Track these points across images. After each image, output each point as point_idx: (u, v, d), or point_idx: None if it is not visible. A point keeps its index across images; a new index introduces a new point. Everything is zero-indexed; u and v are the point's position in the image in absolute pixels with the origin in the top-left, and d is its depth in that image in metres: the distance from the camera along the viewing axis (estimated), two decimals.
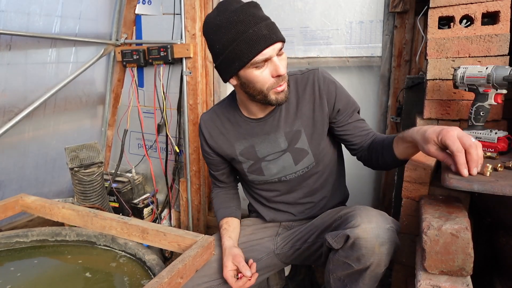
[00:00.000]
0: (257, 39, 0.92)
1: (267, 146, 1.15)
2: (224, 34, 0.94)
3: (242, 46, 0.93)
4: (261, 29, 0.92)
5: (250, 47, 0.92)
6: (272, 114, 1.13)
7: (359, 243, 0.88)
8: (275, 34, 0.94)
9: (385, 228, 0.89)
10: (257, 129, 1.14)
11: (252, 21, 0.92)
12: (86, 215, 1.30)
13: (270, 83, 0.98)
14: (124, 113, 2.31)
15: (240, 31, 0.92)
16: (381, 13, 1.68)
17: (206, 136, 1.20)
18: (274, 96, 1.01)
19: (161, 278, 0.89)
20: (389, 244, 0.89)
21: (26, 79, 1.78)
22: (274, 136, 1.13)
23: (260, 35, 0.92)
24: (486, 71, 1.02)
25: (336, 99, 1.10)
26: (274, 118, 1.13)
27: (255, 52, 0.93)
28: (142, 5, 2.13)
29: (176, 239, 1.13)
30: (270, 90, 0.99)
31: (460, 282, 0.79)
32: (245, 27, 0.92)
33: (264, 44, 0.92)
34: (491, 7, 1.13)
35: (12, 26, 1.64)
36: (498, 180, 0.82)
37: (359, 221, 0.90)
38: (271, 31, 0.93)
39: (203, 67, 2.03)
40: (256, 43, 0.92)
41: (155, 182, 2.29)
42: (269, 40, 0.92)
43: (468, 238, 0.78)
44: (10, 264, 1.22)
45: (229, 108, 1.18)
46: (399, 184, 1.41)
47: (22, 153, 1.84)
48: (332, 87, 1.11)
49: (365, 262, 0.89)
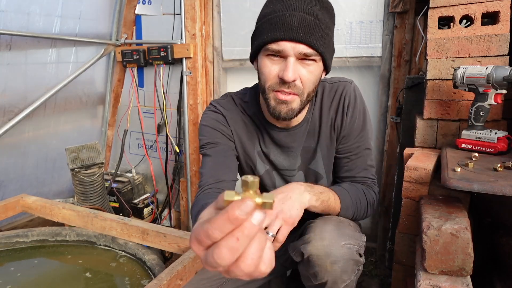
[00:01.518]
0: (280, 24, 0.79)
1: (284, 160, 1.03)
2: (265, 8, 0.86)
3: (265, 26, 0.82)
4: (292, 17, 0.78)
5: (269, 30, 0.81)
6: (298, 126, 0.99)
7: (312, 260, 0.82)
8: (308, 34, 0.78)
9: (339, 246, 0.82)
10: (279, 139, 1.00)
11: (291, 6, 0.80)
12: (86, 215, 1.30)
13: (273, 82, 0.85)
14: (124, 113, 2.31)
15: (274, 10, 0.82)
16: (381, 13, 1.68)
17: (229, 121, 1.01)
18: (273, 102, 0.87)
19: (160, 280, 0.89)
20: (342, 262, 0.82)
21: (26, 79, 1.78)
22: (294, 152, 1.01)
23: (285, 22, 0.78)
24: (486, 71, 1.02)
25: (349, 122, 0.97)
26: (300, 130, 0.99)
27: (270, 37, 0.80)
28: (142, 5, 2.13)
29: (176, 240, 1.13)
30: (270, 90, 0.86)
31: (460, 282, 0.79)
32: (280, 7, 0.81)
33: (283, 34, 0.78)
34: (491, 7, 1.13)
35: (12, 26, 1.64)
36: (498, 180, 0.82)
37: (312, 236, 0.84)
38: (302, 27, 0.78)
39: (203, 67, 2.03)
40: (276, 28, 0.79)
41: (155, 182, 2.29)
42: (291, 34, 0.78)
43: (468, 238, 0.78)
44: (10, 264, 1.22)
45: (250, 104, 1.02)
46: (399, 184, 1.41)
47: (22, 153, 1.84)
48: (357, 109, 0.97)
49: (320, 279, 0.84)
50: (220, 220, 0.34)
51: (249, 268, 0.35)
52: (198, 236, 0.36)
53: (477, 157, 0.99)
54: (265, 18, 0.83)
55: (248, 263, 0.35)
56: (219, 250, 0.34)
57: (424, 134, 1.25)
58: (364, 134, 1.00)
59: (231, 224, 0.33)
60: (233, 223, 0.33)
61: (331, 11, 0.86)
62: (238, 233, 0.34)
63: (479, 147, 1.06)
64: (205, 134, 1.00)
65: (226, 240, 0.34)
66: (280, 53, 0.81)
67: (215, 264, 0.34)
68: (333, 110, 0.98)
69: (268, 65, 0.84)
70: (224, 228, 0.34)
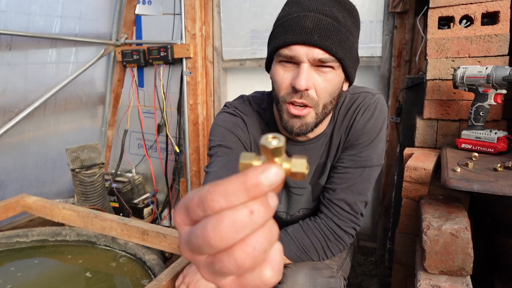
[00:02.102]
0: (293, 27, 0.71)
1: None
2: (281, 11, 0.78)
3: (278, 30, 0.74)
4: (306, 19, 0.69)
5: (281, 34, 0.73)
6: (315, 140, 0.88)
7: None
8: (323, 37, 0.69)
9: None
10: (292, 152, 0.89)
11: (306, 7, 0.71)
12: (86, 216, 1.30)
13: (286, 92, 0.76)
14: (124, 113, 2.31)
15: (288, 13, 0.74)
16: (381, 13, 1.68)
17: (248, 123, 0.90)
18: (286, 116, 0.78)
19: (160, 281, 0.89)
20: None
21: (26, 79, 1.78)
22: (310, 166, 0.90)
23: (299, 25, 0.70)
24: (486, 71, 1.02)
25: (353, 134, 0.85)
26: (317, 145, 0.88)
27: (282, 41, 0.72)
28: (142, 5, 2.13)
29: (176, 241, 1.13)
30: (284, 102, 0.77)
31: (460, 282, 0.79)
32: (295, 9, 0.73)
33: (295, 37, 0.70)
34: (491, 7, 1.13)
35: (12, 26, 1.64)
36: (498, 180, 0.82)
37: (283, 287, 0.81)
38: (318, 29, 0.69)
39: (203, 67, 2.03)
40: (289, 31, 0.71)
41: (155, 182, 2.29)
42: (304, 36, 0.69)
43: (468, 238, 0.78)
44: (10, 264, 1.22)
45: (268, 111, 0.92)
46: (399, 184, 1.41)
47: (22, 153, 1.84)
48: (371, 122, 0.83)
49: None
50: (230, 185, 0.24)
51: (245, 259, 0.23)
52: (188, 203, 0.25)
53: (477, 157, 0.99)
54: (279, 22, 0.75)
55: (248, 251, 0.23)
56: (219, 222, 0.23)
57: (424, 134, 1.25)
58: (367, 150, 0.84)
59: (246, 192, 0.23)
60: (250, 192, 0.23)
61: (354, 15, 0.76)
62: (253, 205, 0.23)
63: (479, 147, 1.06)
64: (219, 136, 0.88)
65: (233, 211, 0.23)
66: (293, 59, 0.72)
67: (203, 243, 0.23)
68: (346, 121, 0.86)
69: (280, 73, 0.75)
70: (234, 196, 0.23)
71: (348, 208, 0.85)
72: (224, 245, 0.23)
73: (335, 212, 0.85)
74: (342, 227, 0.85)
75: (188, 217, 0.25)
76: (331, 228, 0.85)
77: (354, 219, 0.85)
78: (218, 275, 0.25)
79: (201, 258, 0.25)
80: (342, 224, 0.85)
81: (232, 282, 0.26)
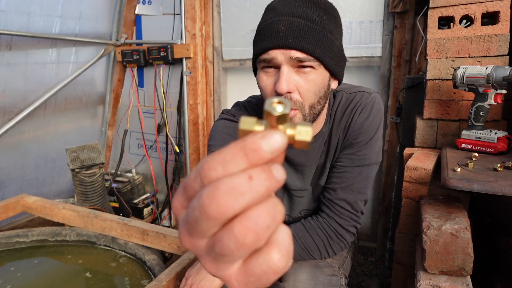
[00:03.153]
0: (268, 33, 0.72)
1: (297, 180, 0.93)
2: (260, 19, 0.79)
3: (256, 37, 0.76)
4: (280, 23, 0.71)
5: (259, 41, 0.74)
6: (313, 141, 0.88)
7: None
8: (297, 38, 0.70)
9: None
10: (290, 155, 0.90)
11: (280, 12, 0.73)
12: (86, 216, 1.30)
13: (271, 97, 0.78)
14: (124, 113, 2.31)
15: (264, 19, 0.76)
16: (381, 13, 1.68)
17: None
18: None
19: (160, 281, 0.89)
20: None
21: (26, 79, 1.78)
22: (308, 170, 0.91)
23: (273, 30, 0.71)
24: (486, 71, 1.02)
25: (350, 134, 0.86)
26: (314, 146, 0.89)
27: (260, 48, 0.74)
28: (142, 5, 2.13)
29: (176, 241, 1.13)
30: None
31: (460, 282, 0.79)
32: (270, 15, 0.74)
33: (271, 42, 0.71)
34: (491, 7, 1.13)
35: (12, 26, 1.64)
36: (498, 180, 0.82)
37: (285, 286, 0.83)
38: (291, 31, 0.70)
39: (203, 67, 2.03)
40: (265, 37, 0.72)
41: (155, 182, 2.29)
42: (279, 40, 0.70)
43: (468, 238, 0.78)
44: (10, 264, 1.22)
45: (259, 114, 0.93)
46: (399, 184, 1.41)
47: (22, 153, 1.84)
48: (368, 121, 0.85)
49: None
50: (227, 152, 0.22)
51: (246, 235, 0.21)
52: (186, 181, 0.23)
53: (477, 157, 0.99)
54: (257, 30, 0.77)
55: (249, 225, 0.21)
56: (215, 188, 0.21)
57: (424, 134, 1.25)
58: (365, 148, 0.85)
59: (245, 158, 0.21)
60: (249, 158, 0.21)
61: (331, 12, 0.75)
62: (253, 171, 0.21)
63: (479, 147, 1.06)
64: (219, 140, 0.90)
65: (231, 177, 0.21)
66: (272, 63, 0.73)
67: (199, 215, 0.21)
68: (344, 120, 0.86)
69: (264, 79, 0.76)
70: (232, 163, 0.21)
71: (349, 207, 0.86)
72: (221, 215, 0.21)
73: (337, 211, 0.86)
74: (344, 225, 0.86)
75: (186, 195, 0.23)
76: (333, 227, 0.86)
77: (355, 217, 0.86)
78: (221, 262, 0.23)
79: (201, 244, 0.23)
80: (343, 223, 0.86)
81: (237, 272, 0.23)
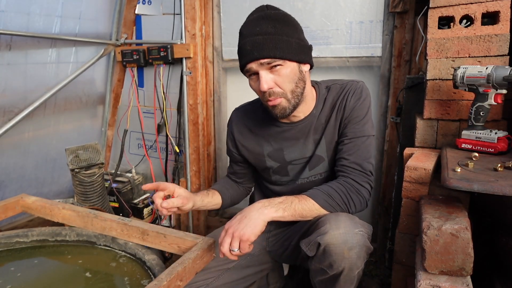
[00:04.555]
0: (242, 52, 0.99)
1: (295, 151, 1.14)
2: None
3: (238, 56, 1.02)
4: (246, 44, 0.96)
5: (239, 59, 1.01)
6: (304, 120, 1.11)
7: (329, 249, 0.89)
8: (260, 51, 0.94)
9: (354, 233, 0.90)
10: (288, 133, 1.13)
11: (247, 34, 0.97)
12: (86, 216, 1.30)
13: (261, 96, 1.03)
14: (124, 113, 2.31)
15: (239, 42, 1.00)
16: (381, 13, 1.68)
17: (235, 134, 1.22)
18: (270, 109, 1.03)
19: (160, 281, 0.89)
20: (358, 248, 0.89)
21: (26, 79, 1.78)
22: (303, 142, 1.12)
23: (243, 49, 0.98)
24: (486, 71, 1.02)
25: (348, 112, 1.06)
26: (306, 124, 1.11)
27: (241, 64, 1.00)
28: (142, 5, 2.13)
29: (176, 241, 1.13)
30: (264, 101, 1.03)
31: (460, 282, 0.79)
32: (240, 39, 1.00)
33: (245, 59, 0.97)
34: (491, 7, 1.13)
35: (12, 26, 1.64)
36: (498, 180, 0.82)
37: (327, 227, 0.91)
38: (256, 47, 0.94)
39: (203, 67, 2.03)
40: (241, 56, 1.00)
41: (155, 182, 2.28)
42: (249, 56, 0.96)
43: (468, 238, 0.78)
44: (10, 264, 1.22)
45: (263, 107, 1.13)
46: (399, 184, 1.41)
47: (22, 153, 1.84)
48: (361, 100, 1.06)
49: (337, 267, 0.90)
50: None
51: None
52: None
53: (477, 157, 0.99)
54: (237, 50, 1.02)
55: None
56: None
57: (424, 134, 1.25)
58: (363, 123, 1.06)
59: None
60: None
61: (283, 19, 0.99)
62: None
63: (479, 147, 1.06)
64: (227, 144, 1.28)
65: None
66: (251, 71, 0.99)
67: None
68: (339, 101, 1.08)
69: (252, 84, 1.03)
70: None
71: (360, 168, 1.03)
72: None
73: (351, 172, 1.03)
74: (359, 181, 1.02)
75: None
76: (350, 183, 1.01)
77: (366, 176, 1.03)
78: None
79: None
80: (358, 179, 1.02)
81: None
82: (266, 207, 0.93)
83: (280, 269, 1.36)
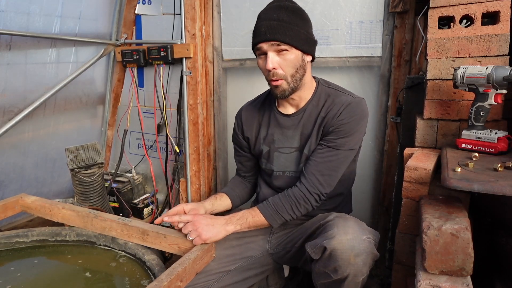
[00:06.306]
0: (256, 33, 1.10)
1: (282, 139, 1.24)
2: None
3: (252, 35, 1.13)
4: (262, 26, 1.08)
5: (253, 38, 1.12)
6: (297, 114, 1.21)
7: (335, 254, 0.90)
8: (273, 34, 1.06)
9: (361, 239, 0.91)
10: (281, 121, 1.24)
11: (264, 18, 1.09)
12: (86, 216, 1.30)
13: (266, 74, 1.13)
14: (124, 113, 2.31)
15: (256, 24, 1.12)
16: (381, 13, 1.67)
17: (243, 118, 1.33)
18: (272, 88, 1.15)
19: (160, 282, 0.89)
20: (365, 255, 0.90)
21: (26, 79, 1.78)
22: (292, 132, 1.22)
23: (258, 31, 1.09)
24: (486, 71, 1.02)
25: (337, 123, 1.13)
26: (298, 117, 1.21)
27: (253, 43, 1.12)
28: (142, 5, 2.13)
29: (176, 241, 1.13)
30: (267, 80, 1.14)
31: (460, 282, 0.79)
32: (257, 22, 1.11)
33: (258, 38, 1.09)
34: (491, 7, 1.13)
35: (12, 26, 1.64)
36: (498, 180, 0.82)
37: (335, 232, 0.91)
38: (270, 30, 1.06)
39: (203, 67, 2.02)
40: (255, 36, 1.11)
41: (155, 182, 2.29)
42: (262, 37, 1.07)
43: (468, 238, 0.78)
44: (10, 264, 1.22)
45: (269, 99, 1.31)
46: (399, 184, 1.41)
47: (22, 153, 1.84)
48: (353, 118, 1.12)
49: (342, 273, 0.90)
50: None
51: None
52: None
53: (477, 157, 0.99)
54: (253, 31, 1.13)
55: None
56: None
57: (424, 134, 1.25)
58: (347, 138, 1.13)
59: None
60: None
61: (297, 12, 1.11)
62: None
63: (479, 147, 1.06)
64: (234, 130, 1.38)
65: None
66: (261, 51, 1.10)
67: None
68: (333, 109, 1.15)
69: (260, 62, 1.14)
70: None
71: (321, 179, 1.12)
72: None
73: (309, 179, 1.13)
74: (311, 191, 1.12)
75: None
76: (303, 191, 1.12)
77: (321, 187, 1.12)
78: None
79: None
80: (311, 189, 1.12)
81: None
82: (228, 224, 1.11)
83: (280, 270, 1.36)
